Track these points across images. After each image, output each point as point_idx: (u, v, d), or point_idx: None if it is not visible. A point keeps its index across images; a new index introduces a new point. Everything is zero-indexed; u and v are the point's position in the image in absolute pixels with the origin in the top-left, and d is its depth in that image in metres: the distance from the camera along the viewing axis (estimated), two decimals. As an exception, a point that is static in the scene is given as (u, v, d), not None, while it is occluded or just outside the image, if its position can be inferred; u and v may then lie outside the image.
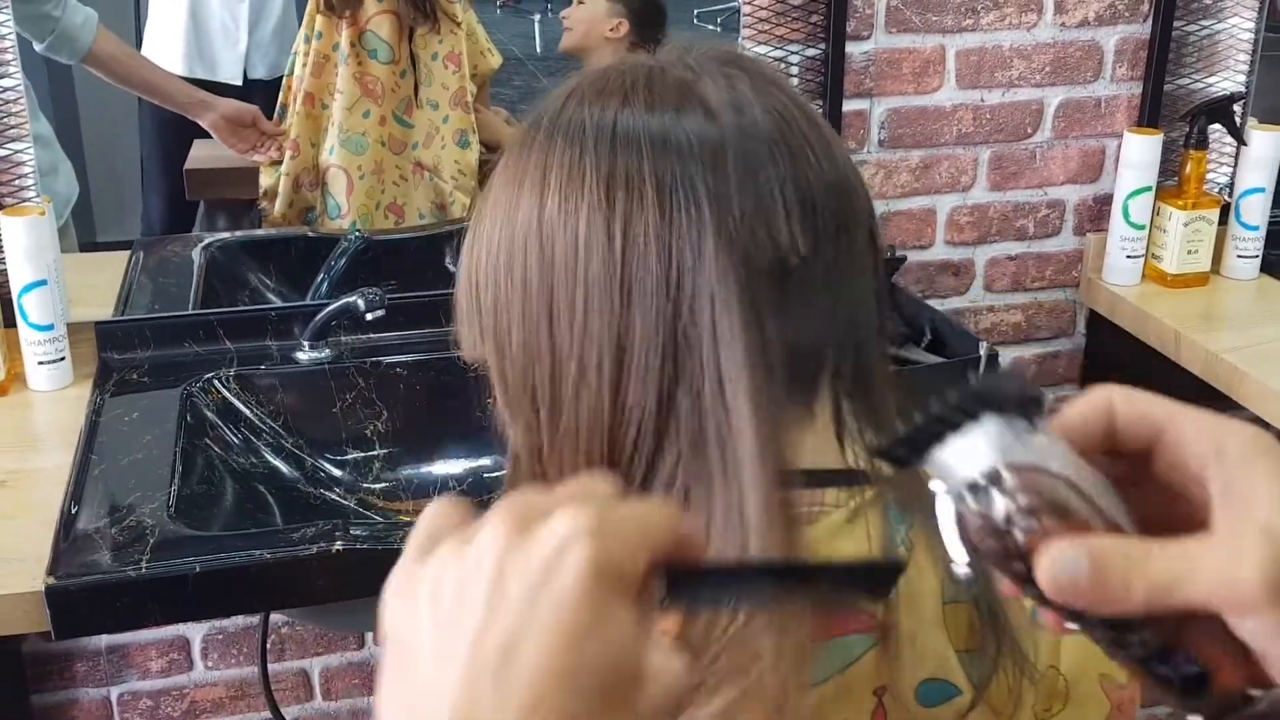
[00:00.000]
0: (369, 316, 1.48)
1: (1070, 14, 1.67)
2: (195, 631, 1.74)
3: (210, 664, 1.76)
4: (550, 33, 2.10)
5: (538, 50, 2.31)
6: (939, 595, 0.72)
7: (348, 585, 1.20)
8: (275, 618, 1.73)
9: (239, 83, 1.85)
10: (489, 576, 0.42)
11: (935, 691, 0.70)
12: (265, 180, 1.83)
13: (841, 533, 0.69)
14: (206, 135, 1.80)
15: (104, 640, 1.70)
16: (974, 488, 0.41)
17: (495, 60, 1.94)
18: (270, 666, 1.72)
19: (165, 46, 1.82)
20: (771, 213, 0.66)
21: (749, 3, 1.62)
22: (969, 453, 0.41)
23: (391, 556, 1.27)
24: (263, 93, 1.84)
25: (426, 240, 1.79)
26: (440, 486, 1.53)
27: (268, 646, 1.72)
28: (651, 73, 0.69)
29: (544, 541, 0.41)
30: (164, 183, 1.93)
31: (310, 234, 1.81)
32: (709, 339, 0.65)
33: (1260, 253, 1.75)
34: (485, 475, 1.54)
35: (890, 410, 0.74)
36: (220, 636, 1.75)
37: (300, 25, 1.78)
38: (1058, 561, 0.41)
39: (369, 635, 1.80)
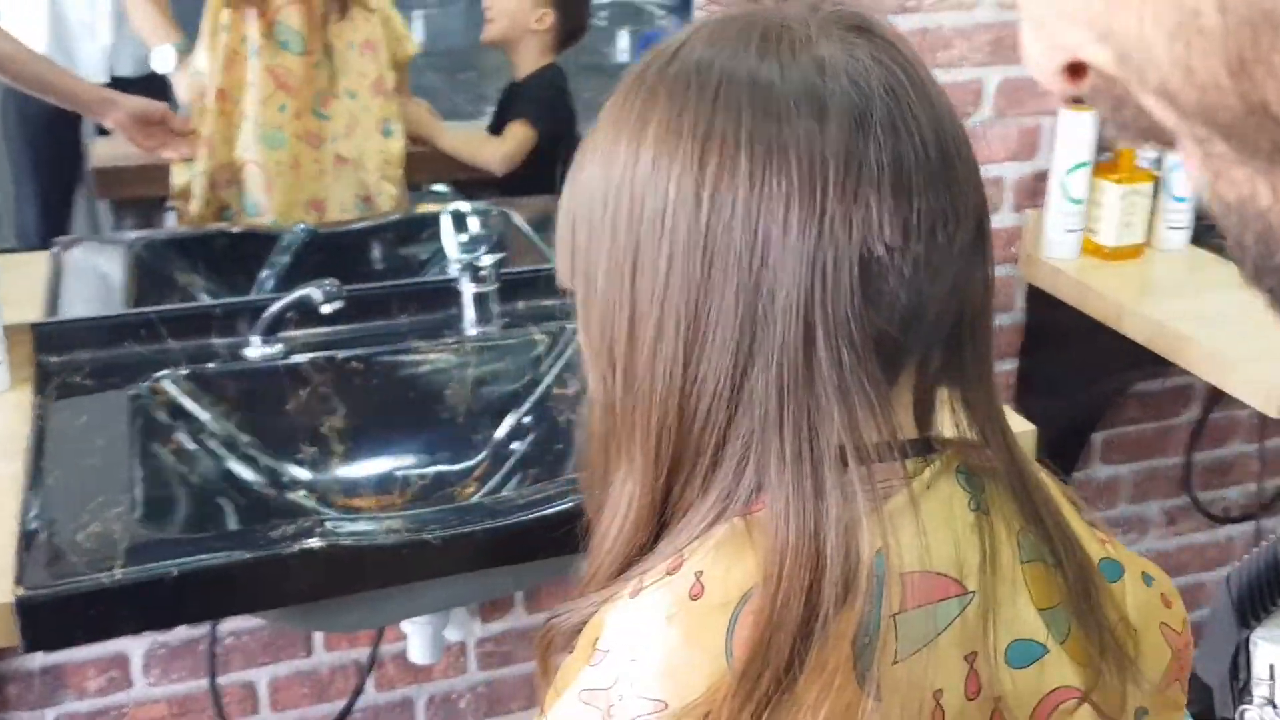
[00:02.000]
0: (326, 309, 1.43)
1: (1007, -6, 1.70)
2: (135, 647, 1.66)
3: (151, 680, 1.69)
4: (434, 27, 2.06)
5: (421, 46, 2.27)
6: (1016, 556, 0.72)
7: (328, 583, 1.17)
8: (221, 627, 1.67)
9: (104, 80, 1.74)
10: None
11: (1024, 652, 0.70)
12: (178, 179, 1.75)
13: (919, 501, 0.68)
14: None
15: (38, 660, 1.62)
16: None
17: (412, 46, 1.89)
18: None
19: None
20: (864, 198, 0.64)
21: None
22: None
23: (369, 553, 1.23)
24: (133, 91, 1.74)
25: (370, 231, 1.74)
26: (402, 484, 1.49)
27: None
28: (769, 29, 0.67)
29: None
30: (35, 184, 1.84)
31: (239, 230, 1.75)
32: (790, 320, 0.64)
33: (1190, 224, 1.80)
34: (446, 471, 1.50)
35: (992, 404, 0.73)
36: (162, 651, 1.68)
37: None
38: None
39: (318, 639, 1.75)
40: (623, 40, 2.12)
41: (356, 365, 1.49)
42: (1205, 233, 1.82)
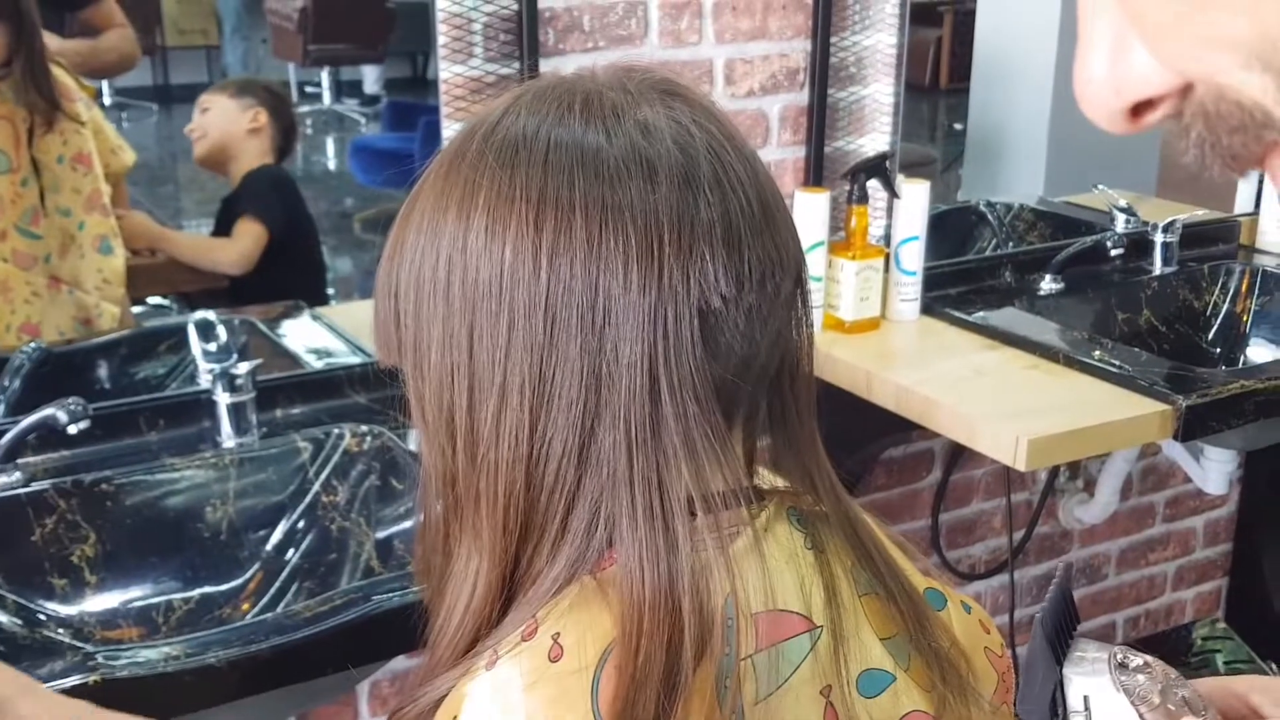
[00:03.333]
0: (72, 429, 1.33)
1: (738, 85, 1.78)
2: None
3: None
4: (129, 140, 1.99)
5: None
6: (853, 590, 0.74)
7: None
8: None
9: None
10: None
11: (874, 681, 0.73)
12: None
13: (757, 544, 0.70)
14: None
15: None
16: (1123, 665, 0.55)
17: (128, 157, 1.81)
18: None
19: None
20: (699, 253, 0.66)
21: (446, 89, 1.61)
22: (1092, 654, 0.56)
23: (148, 684, 1.14)
24: None
25: (105, 348, 1.64)
26: (164, 610, 1.39)
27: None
28: (588, 96, 0.68)
29: None
30: None
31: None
32: (635, 375, 0.65)
33: (919, 296, 1.91)
34: (213, 593, 1.41)
35: (816, 448, 0.76)
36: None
37: None
38: None
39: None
40: (330, 147, 2.11)
41: (106, 488, 1.39)
42: (934, 304, 1.94)
